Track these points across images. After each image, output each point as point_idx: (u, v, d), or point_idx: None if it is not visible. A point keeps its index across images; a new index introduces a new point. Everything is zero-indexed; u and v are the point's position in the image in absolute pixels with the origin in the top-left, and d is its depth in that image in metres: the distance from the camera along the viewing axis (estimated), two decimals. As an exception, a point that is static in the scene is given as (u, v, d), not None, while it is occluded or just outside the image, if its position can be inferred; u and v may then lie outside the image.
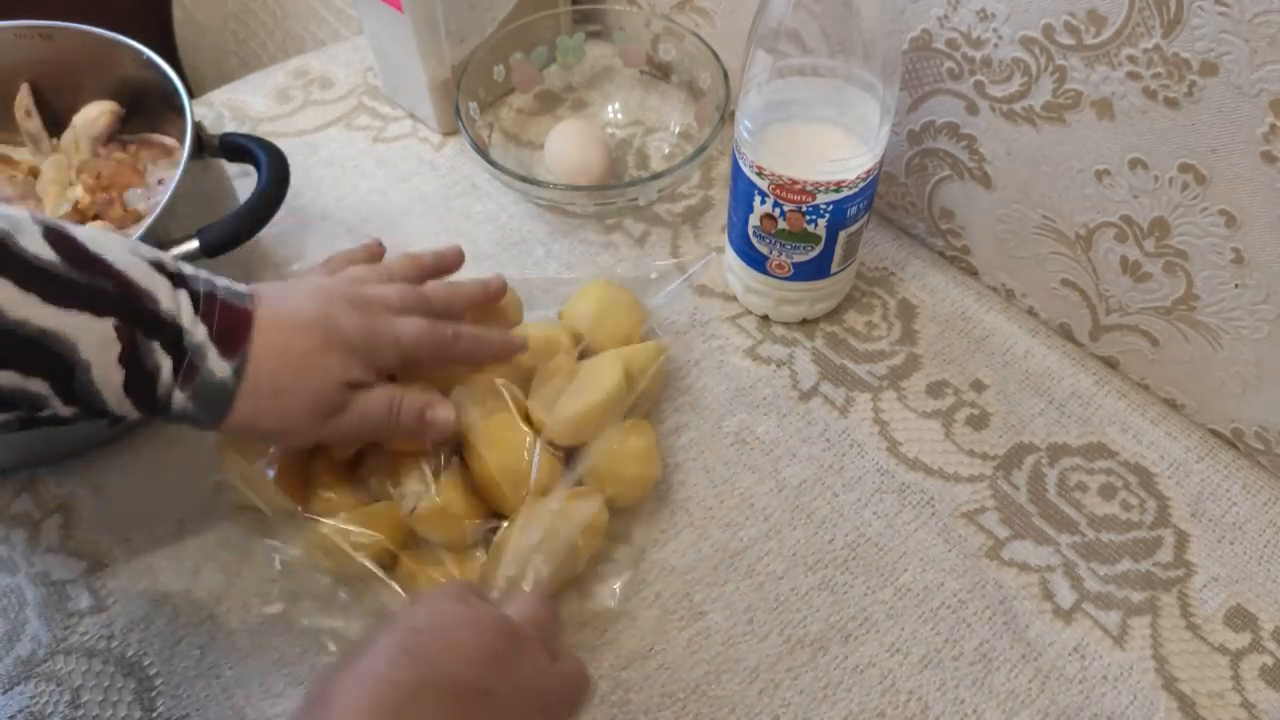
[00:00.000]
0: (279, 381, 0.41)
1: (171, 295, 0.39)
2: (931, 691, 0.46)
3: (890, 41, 0.47)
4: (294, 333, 0.41)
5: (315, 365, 0.41)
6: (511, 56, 0.69)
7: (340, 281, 0.46)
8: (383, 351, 0.44)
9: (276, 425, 0.42)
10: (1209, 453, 0.54)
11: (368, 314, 0.44)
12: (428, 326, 0.45)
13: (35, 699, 0.46)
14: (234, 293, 0.41)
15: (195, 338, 0.39)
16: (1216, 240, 0.48)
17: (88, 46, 0.60)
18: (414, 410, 0.44)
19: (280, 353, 0.41)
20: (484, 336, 0.48)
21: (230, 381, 0.39)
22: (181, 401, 0.39)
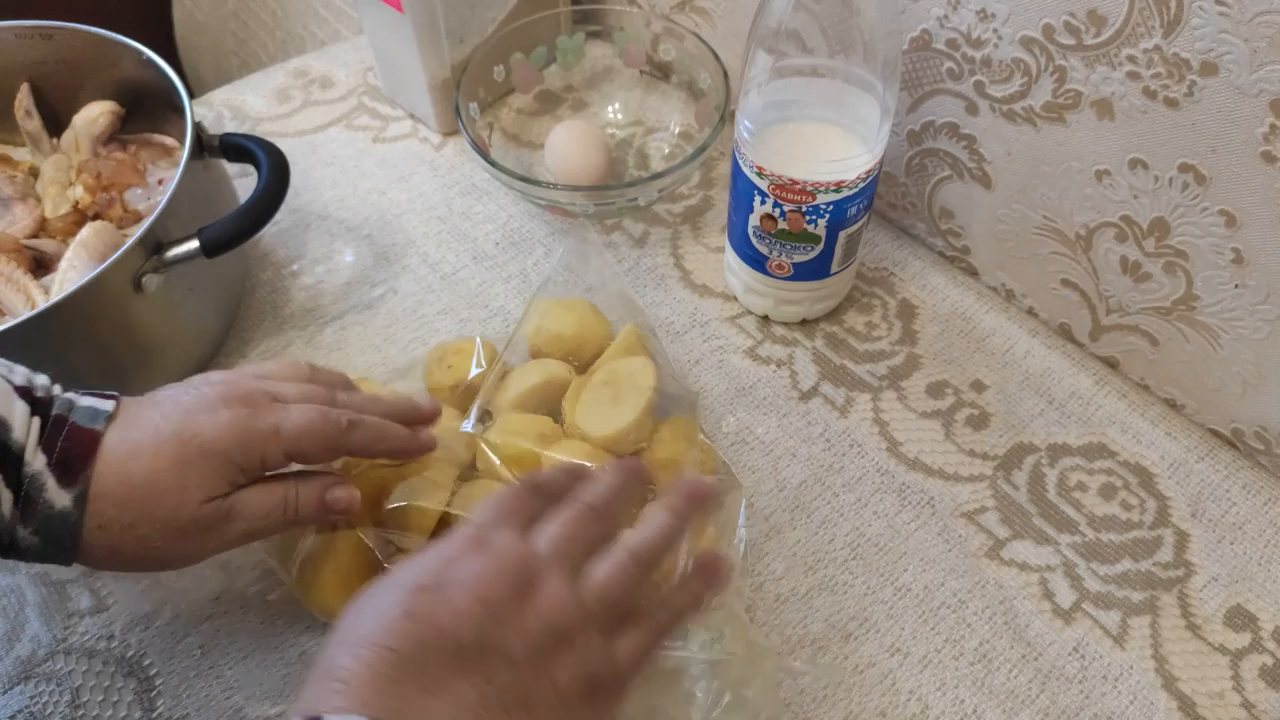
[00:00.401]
0: (128, 512, 0.37)
1: (25, 423, 0.36)
2: (931, 691, 0.46)
3: (890, 41, 0.47)
4: (139, 456, 0.37)
5: (168, 486, 0.37)
6: (511, 56, 0.69)
7: (220, 378, 0.41)
8: (259, 447, 0.39)
9: (143, 554, 0.38)
10: (1209, 453, 0.54)
11: (245, 408, 0.39)
12: (318, 416, 0.40)
13: (35, 699, 0.46)
14: (92, 413, 0.38)
15: (34, 466, 0.36)
16: (1216, 240, 0.48)
17: (88, 46, 0.60)
18: (311, 499, 0.41)
19: (125, 479, 0.37)
20: (386, 429, 0.43)
21: (71, 512, 0.36)
22: (26, 538, 0.36)
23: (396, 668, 0.30)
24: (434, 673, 0.31)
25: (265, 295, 0.62)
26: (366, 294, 0.62)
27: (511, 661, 0.32)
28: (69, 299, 0.46)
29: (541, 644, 0.33)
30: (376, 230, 0.66)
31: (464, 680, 0.31)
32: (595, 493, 0.37)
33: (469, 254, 0.64)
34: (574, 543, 0.36)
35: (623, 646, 0.35)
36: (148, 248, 0.50)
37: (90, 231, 0.54)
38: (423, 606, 0.32)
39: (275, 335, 0.60)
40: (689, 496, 0.38)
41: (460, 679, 0.31)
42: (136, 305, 0.50)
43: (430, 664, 0.31)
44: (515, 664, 0.32)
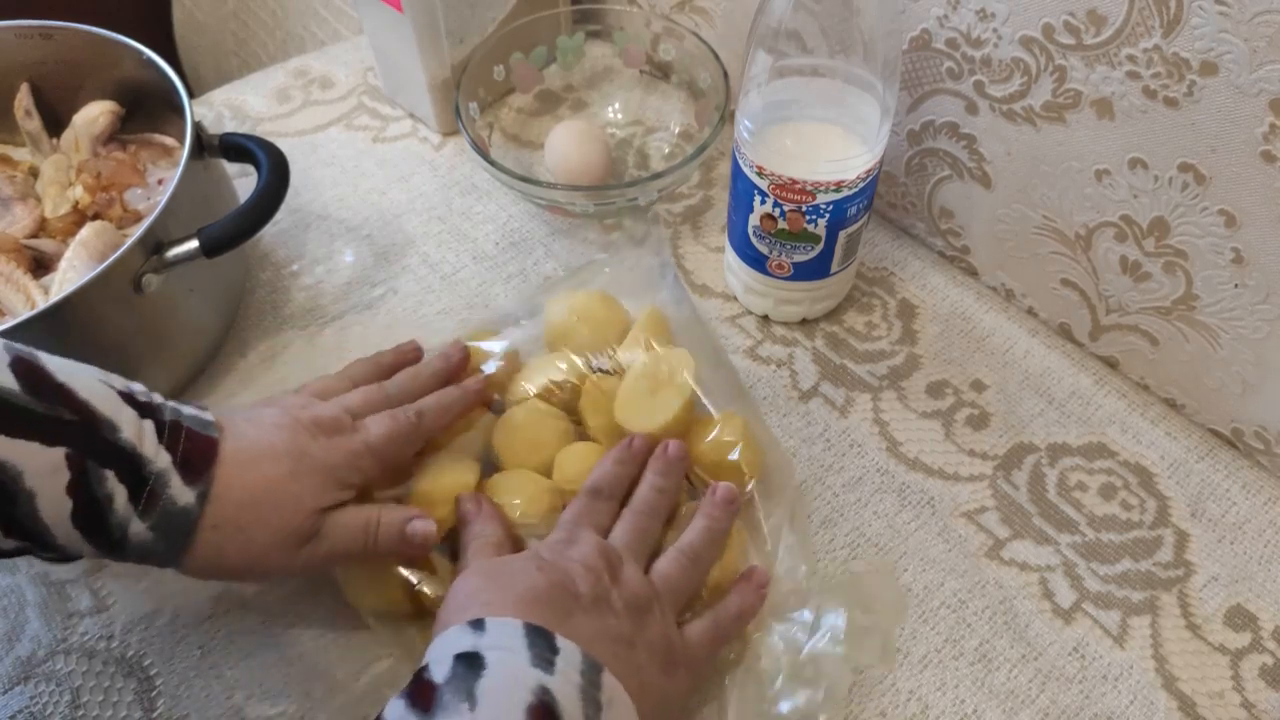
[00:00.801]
0: (245, 514, 0.39)
1: (135, 424, 0.38)
2: (931, 691, 0.46)
3: (890, 41, 0.47)
4: (260, 463, 0.40)
5: (284, 495, 0.40)
6: (511, 56, 0.69)
7: (299, 404, 0.45)
8: (359, 464, 0.43)
9: (243, 561, 0.40)
10: (1209, 453, 0.54)
11: (333, 431, 0.43)
12: (390, 420, 0.45)
13: (35, 699, 0.46)
14: (200, 421, 0.40)
15: (158, 464, 0.38)
16: (1216, 240, 0.48)
17: (88, 46, 0.60)
18: (393, 529, 0.43)
19: (246, 485, 0.40)
20: (445, 399, 0.48)
21: (194, 508, 0.38)
22: (140, 532, 0.38)
23: (536, 600, 0.37)
24: (564, 608, 0.38)
25: (265, 295, 0.62)
26: (366, 294, 0.62)
27: (615, 611, 0.40)
28: (69, 299, 0.46)
29: (633, 605, 0.40)
30: (376, 230, 0.66)
31: (584, 617, 0.38)
32: (642, 499, 0.46)
33: (469, 254, 0.64)
34: (639, 538, 0.44)
35: (691, 630, 0.43)
36: (148, 248, 0.50)
37: (90, 231, 0.54)
38: (549, 568, 0.40)
39: (275, 335, 0.60)
40: (720, 501, 0.46)
41: (582, 615, 0.38)
42: (136, 305, 0.50)
43: (561, 601, 0.38)
44: (618, 613, 0.40)
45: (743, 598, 0.45)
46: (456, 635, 0.35)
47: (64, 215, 0.57)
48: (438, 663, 0.34)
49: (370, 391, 0.47)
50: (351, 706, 0.45)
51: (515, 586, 0.38)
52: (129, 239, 0.49)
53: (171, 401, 0.41)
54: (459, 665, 0.33)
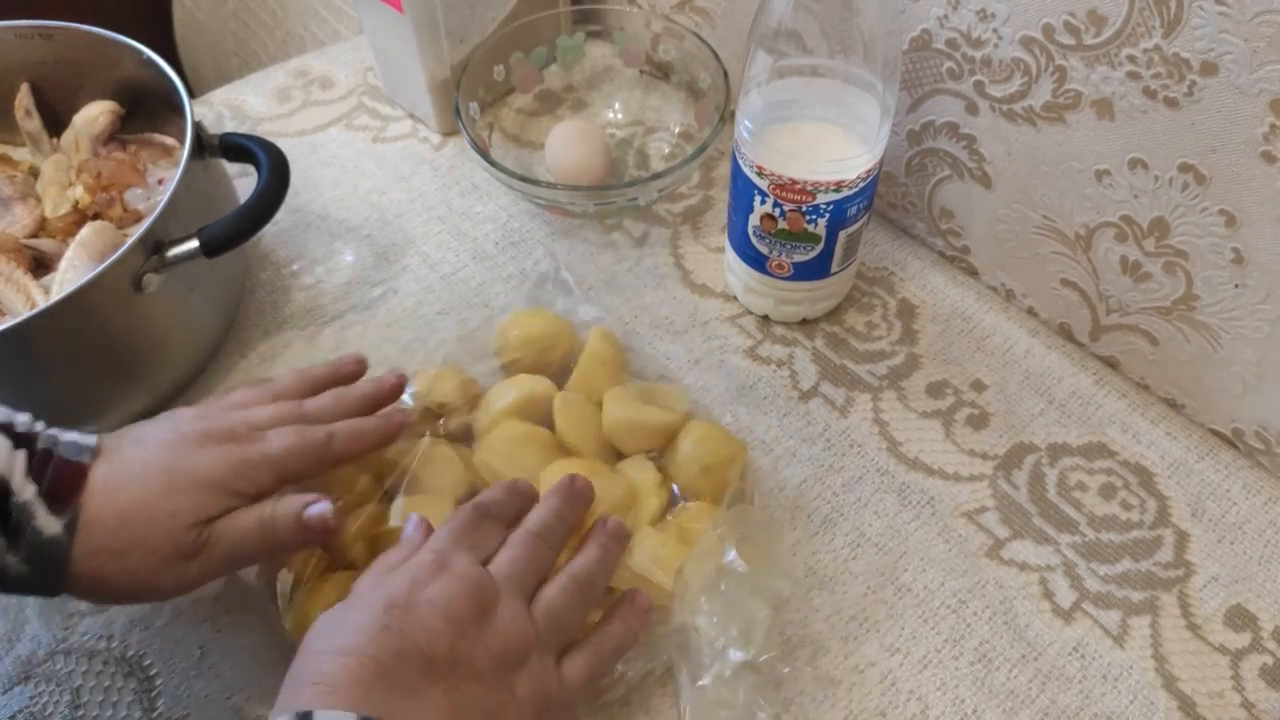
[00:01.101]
0: (119, 538, 0.38)
1: (8, 456, 0.37)
2: (931, 691, 0.46)
3: (890, 41, 0.47)
4: (130, 485, 0.39)
5: (157, 513, 0.39)
6: (511, 56, 0.69)
7: (194, 416, 0.43)
8: (250, 474, 0.41)
9: (129, 583, 0.39)
10: (1209, 453, 0.54)
11: (224, 440, 0.41)
12: (295, 435, 0.42)
13: (35, 699, 0.46)
14: (76, 447, 0.39)
15: (23, 496, 0.37)
16: (1216, 240, 0.48)
17: (88, 46, 0.60)
18: (289, 519, 0.40)
19: (117, 508, 0.38)
20: (362, 426, 0.45)
21: (62, 539, 0.37)
22: (15, 565, 0.37)
23: (378, 675, 0.33)
24: (412, 681, 0.34)
25: (265, 295, 0.62)
26: (366, 294, 0.62)
27: (478, 674, 0.35)
28: (69, 299, 0.46)
29: (503, 660, 0.36)
30: (376, 230, 0.66)
31: (438, 689, 0.34)
32: (540, 520, 0.42)
33: (469, 254, 0.64)
34: (525, 567, 0.40)
35: (569, 668, 0.39)
36: (148, 248, 0.50)
37: (90, 231, 0.54)
38: (397, 621, 0.35)
39: (275, 335, 0.60)
40: (613, 532, 0.43)
41: (435, 688, 0.34)
42: (136, 305, 0.50)
43: (408, 673, 0.34)
44: (481, 676, 0.35)
45: (625, 623, 0.42)
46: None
47: (64, 215, 0.57)
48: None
49: (284, 408, 0.44)
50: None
51: (355, 653, 0.34)
52: (129, 239, 0.49)
53: (54, 429, 0.40)
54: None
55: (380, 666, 0.33)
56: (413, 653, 0.34)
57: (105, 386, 0.53)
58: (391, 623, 0.35)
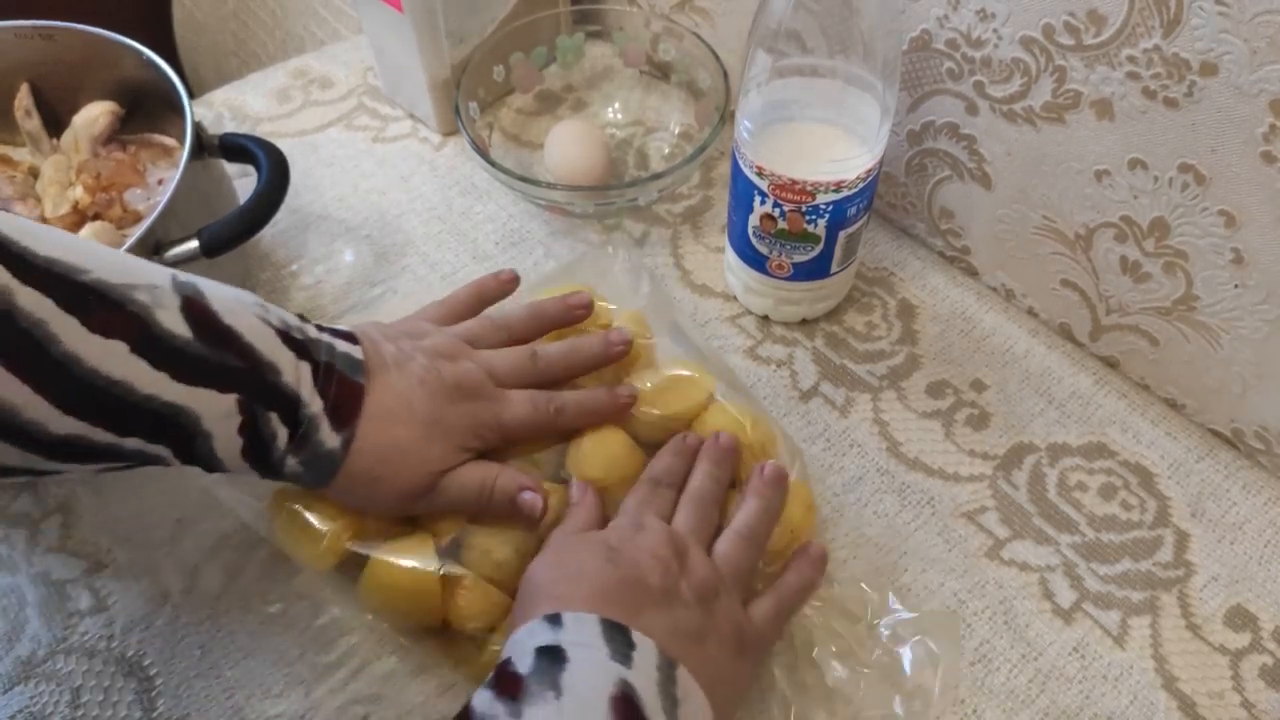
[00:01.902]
0: (377, 468, 0.42)
1: (294, 367, 0.40)
2: (931, 691, 0.46)
3: (890, 41, 0.47)
4: (396, 423, 0.42)
5: (413, 456, 0.43)
6: (511, 56, 0.69)
7: (447, 351, 0.46)
8: (486, 435, 0.45)
9: (369, 501, 0.44)
10: (1209, 453, 0.54)
11: (472, 396, 0.45)
12: (530, 407, 0.46)
13: (35, 699, 0.46)
14: (351, 363, 0.42)
15: (311, 409, 0.40)
16: (1216, 240, 0.48)
17: (88, 46, 0.60)
18: (507, 494, 0.44)
19: (382, 442, 0.42)
20: (589, 404, 0.48)
21: (339, 451, 0.41)
22: (294, 466, 0.41)
23: (606, 595, 0.38)
24: (635, 602, 0.39)
25: (265, 295, 0.62)
26: (366, 294, 0.62)
27: (685, 603, 0.40)
28: (69, 299, 0.46)
29: (702, 594, 0.41)
30: (376, 230, 0.66)
31: (656, 610, 0.39)
32: (699, 485, 0.46)
33: (469, 254, 0.64)
34: (702, 524, 0.45)
35: (756, 610, 0.44)
36: (147, 248, 0.50)
37: (90, 231, 0.54)
38: (617, 558, 0.40)
39: (275, 335, 0.60)
40: (770, 479, 0.47)
41: (654, 609, 0.39)
42: (136, 305, 0.50)
43: (630, 596, 0.39)
44: (688, 605, 0.40)
45: (800, 574, 0.46)
46: (535, 630, 0.36)
47: (64, 215, 0.57)
48: (520, 656, 0.35)
49: (520, 357, 0.47)
50: (351, 706, 0.45)
51: (587, 579, 0.39)
52: (129, 239, 0.49)
53: (325, 335, 0.43)
54: (542, 659, 0.35)
55: (608, 589, 0.39)
56: (633, 580, 0.39)
57: None
58: (612, 558, 0.40)
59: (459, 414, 0.44)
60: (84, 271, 0.36)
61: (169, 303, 0.38)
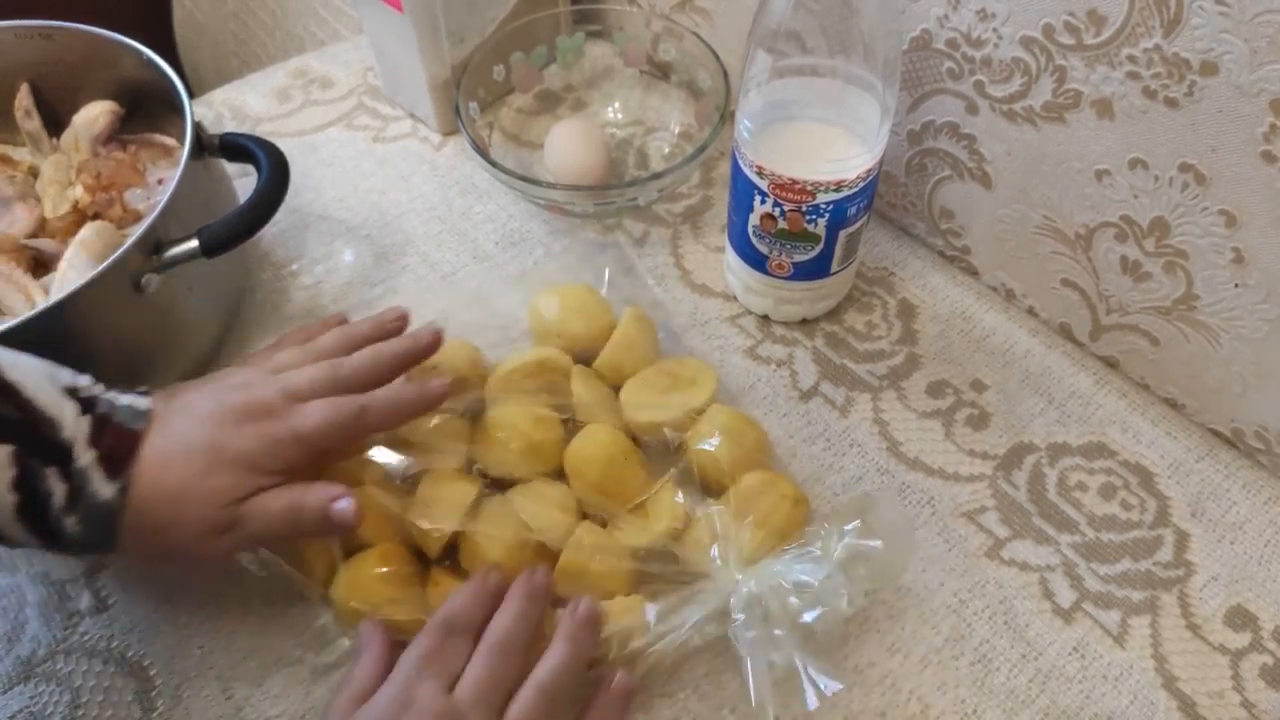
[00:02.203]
0: (160, 513, 0.40)
1: (75, 421, 0.39)
2: (931, 691, 0.46)
3: (890, 41, 0.47)
4: (174, 462, 0.40)
5: (195, 492, 0.40)
6: (511, 56, 0.69)
7: (238, 384, 0.44)
8: (281, 453, 0.42)
9: (163, 554, 0.42)
10: (1209, 453, 0.54)
11: (261, 416, 0.42)
12: (330, 410, 0.43)
13: (35, 699, 0.46)
14: (132, 413, 0.41)
15: (82, 461, 0.39)
16: (1216, 240, 0.48)
17: (88, 46, 0.60)
18: (317, 511, 0.42)
19: (161, 485, 0.40)
20: (398, 399, 0.45)
21: (115, 501, 0.39)
22: (73, 526, 0.39)
23: None
24: None
25: (265, 295, 0.62)
26: (366, 294, 0.62)
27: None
28: (69, 299, 0.46)
29: None
30: (376, 230, 0.66)
31: None
32: (502, 630, 0.41)
33: (469, 254, 0.64)
34: (492, 687, 0.39)
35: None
36: (148, 248, 0.50)
37: (90, 231, 0.54)
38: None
39: (275, 335, 0.60)
40: (583, 621, 0.42)
41: None
42: (136, 305, 0.50)
43: None
44: None
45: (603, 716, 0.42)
46: None
47: (64, 215, 0.57)
48: None
49: (320, 370, 0.45)
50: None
51: None
52: (129, 239, 0.49)
53: (113, 391, 0.41)
54: None
55: None
56: None
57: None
58: None
59: (246, 436, 0.42)
60: None
61: None
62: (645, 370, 0.52)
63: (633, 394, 0.52)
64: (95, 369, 0.51)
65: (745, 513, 0.46)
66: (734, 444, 0.49)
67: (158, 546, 0.41)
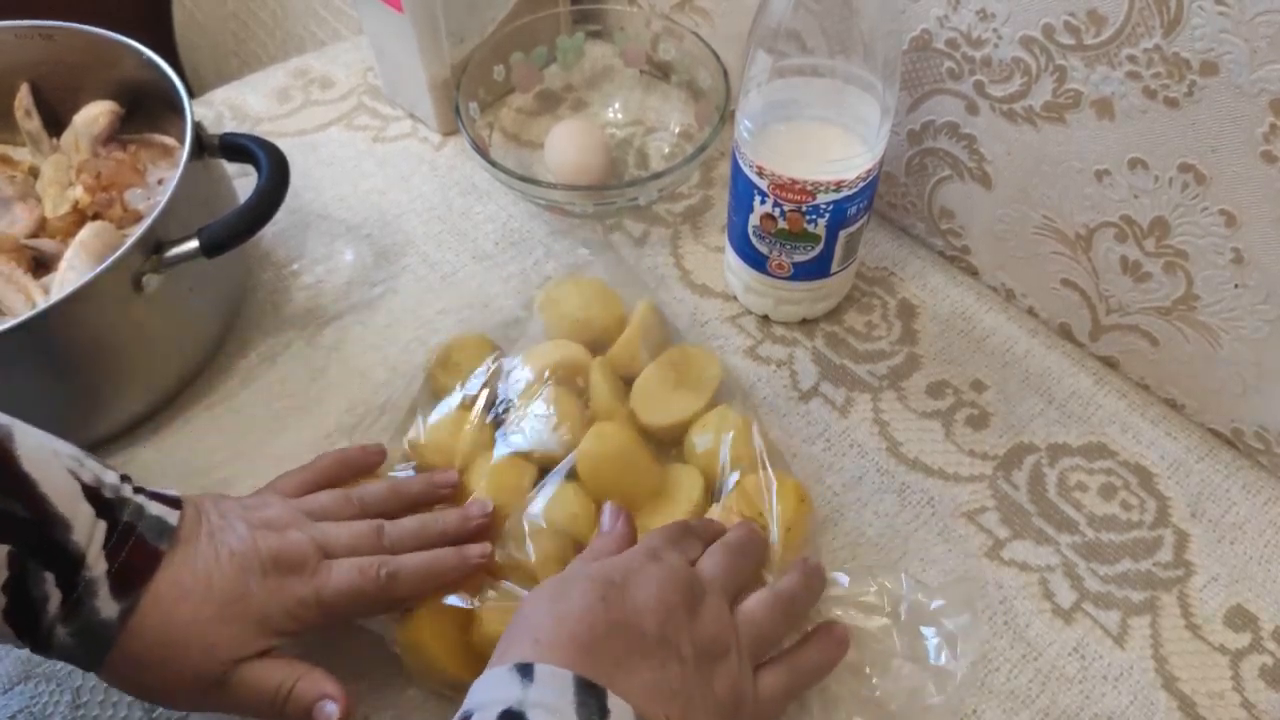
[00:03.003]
0: (155, 652, 0.38)
1: (90, 525, 0.37)
2: (931, 691, 0.46)
3: (890, 41, 0.47)
4: (188, 599, 0.38)
5: (198, 640, 0.38)
6: (511, 56, 0.69)
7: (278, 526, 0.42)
8: (299, 614, 0.40)
9: (146, 692, 0.40)
10: (1209, 453, 0.54)
11: (290, 570, 0.40)
12: (356, 574, 0.41)
13: (35, 699, 0.46)
14: (158, 528, 0.39)
15: (93, 572, 0.37)
16: (1216, 240, 0.48)
17: (88, 46, 0.60)
18: (302, 704, 0.39)
19: (167, 621, 0.38)
20: (431, 566, 0.43)
21: (114, 624, 0.37)
22: (63, 638, 0.37)
23: (593, 641, 0.35)
24: (622, 652, 0.35)
25: (265, 295, 0.62)
26: (366, 294, 0.62)
27: (681, 658, 0.36)
28: (69, 299, 0.46)
29: (706, 651, 0.37)
30: (376, 230, 0.66)
31: (644, 664, 0.35)
32: (739, 538, 0.43)
33: (469, 254, 0.64)
34: (730, 574, 0.41)
35: (765, 680, 0.40)
36: (148, 248, 0.50)
37: (90, 231, 0.54)
38: (614, 597, 0.37)
39: (275, 335, 0.60)
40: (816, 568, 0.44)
41: (642, 662, 0.35)
42: (136, 305, 0.50)
43: (618, 645, 0.35)
44: (684, 661, 0.36)
45: (822, 652, 0.42)
46: (503, 680, 0.33)
47: (64, 215, 0.57)
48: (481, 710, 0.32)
49: (361, 534, 0.43)
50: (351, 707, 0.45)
51: (573, 620, 0.35)
52: (129, 239, 0.49)
53: (141, 497, 0.39)
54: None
55: (595, 635, 0.35)
56: (625, 627, 0.36)
57: (105, 386, 0.53)
58: (609, 597, 0.37)
59: (269, 590, 0.39)
60: None
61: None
62: (651, 366, 0.52)
63: (642, 394, 0.52)
64: (95, 369, 0.51)
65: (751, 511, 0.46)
66: (735, 443, 0.49)
67: (138, 682, 0.39)
